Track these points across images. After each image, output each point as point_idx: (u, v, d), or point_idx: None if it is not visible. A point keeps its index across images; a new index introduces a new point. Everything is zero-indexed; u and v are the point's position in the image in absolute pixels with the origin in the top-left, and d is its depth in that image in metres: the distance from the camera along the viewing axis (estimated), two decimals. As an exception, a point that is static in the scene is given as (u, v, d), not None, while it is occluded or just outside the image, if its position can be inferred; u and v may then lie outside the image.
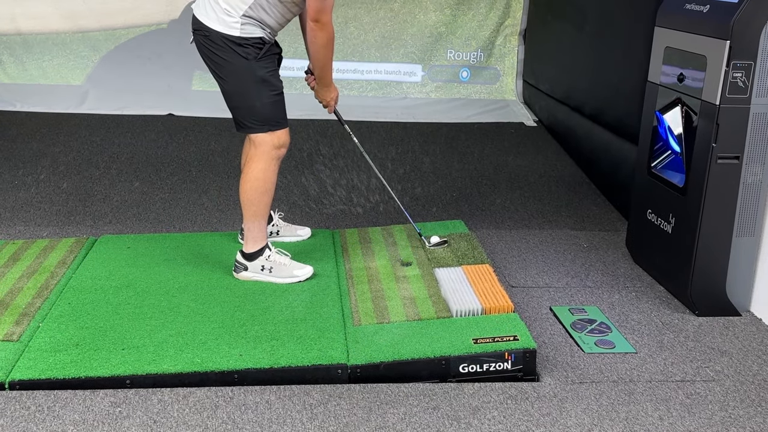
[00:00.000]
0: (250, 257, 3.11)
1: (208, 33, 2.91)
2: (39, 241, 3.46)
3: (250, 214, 3.07)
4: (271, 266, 3.10)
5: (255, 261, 3.10)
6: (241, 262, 3.13)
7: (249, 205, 3.06)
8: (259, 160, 3.02)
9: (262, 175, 3.03)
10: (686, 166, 3.05)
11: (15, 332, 2.67)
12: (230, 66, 2.93)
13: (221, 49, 2.91)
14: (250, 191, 3.05)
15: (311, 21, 2.86)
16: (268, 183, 3.05)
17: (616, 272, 3.45)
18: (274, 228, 3.51)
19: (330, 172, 4.71)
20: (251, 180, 3.04)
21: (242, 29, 2.88)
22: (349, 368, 2.53)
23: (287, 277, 3.11)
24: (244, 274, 3.13)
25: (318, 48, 2.97)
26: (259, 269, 3.10)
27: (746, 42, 2.77)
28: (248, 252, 3.11)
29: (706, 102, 2.90)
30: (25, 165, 4.69)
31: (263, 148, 3.01)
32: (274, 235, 3.49)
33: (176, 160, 4.88)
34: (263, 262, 3.10)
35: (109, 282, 3.08)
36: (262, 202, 3.06)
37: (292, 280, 3.11)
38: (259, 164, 3.02)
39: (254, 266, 3.11)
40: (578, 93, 5.17)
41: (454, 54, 6.38)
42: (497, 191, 4.52)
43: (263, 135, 3.00)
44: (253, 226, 3.09)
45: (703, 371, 2.67)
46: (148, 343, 2.63)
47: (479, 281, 3.04)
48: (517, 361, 2.57)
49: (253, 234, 3.10)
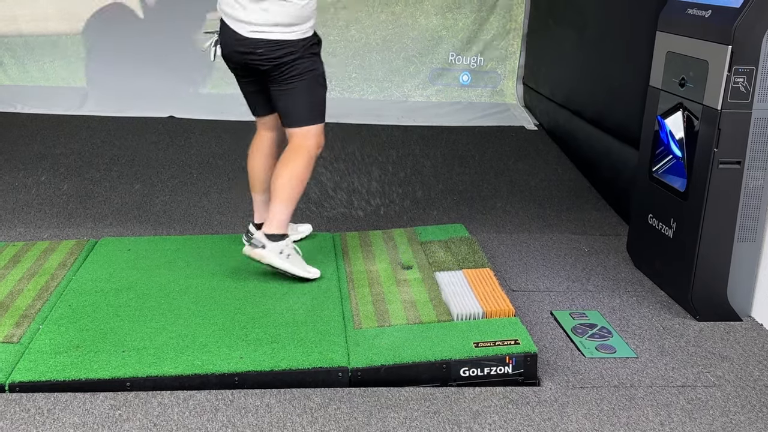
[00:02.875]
0: (274, 238, 3.07)
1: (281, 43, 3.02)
2: (39, 243, 3.46)
3: (283, 197, 3.09)
4: (290, 254, 3.10)
5: (277, 243, 3.06)
6: (260, 240, 3.06)
7: (284, 189, 3.08)
8: (300, 156, 3.10)
9: (301, 171, 3.10)
10: (688, 171, 3.05)
11: (15, 334, 2.67)
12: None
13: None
14: (287, 181, 3.08)
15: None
16: (305, 177, 3.13)
17: (617, 277, 3.44)
18: None
19: (331, 175, 4.70)
20: (291, 175, 3.09)
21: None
22: (349, 371, 2.53)
23: (302, 270, 3.11)
24: (259, 251, 3.05)
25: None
26: (278, 252, 3.06)
27: (748, 47, 2.78)
28: (271, 233, 3.08)
29: (708, 107, 2.90)
30: (25, 167, 4.69)
31: (308, 142, 3.11)
32: None
33: (177, 162, 4.88)
34: (283, 248, 3.08)
35: (109, 284, 3.08)
36: (296, 190, 3.11)
37: (306, 275, 3.11)
38: (299, 161, 3.10)
39: (274, 248, 3.06)
40: (579, 97, 5.17)
41: (455, 57, 6.39)
42: (498, 195, 4.51)
43: (306, 127, 3.11)
44: (282, 210, 3.09)
45: (704, 376, 2.67)
46: (149, 346, 2.62)
47: (480, 285, 3.03)
48: (518, 365, 2.56)
49: (280, 217, 3.09)
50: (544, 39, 5.99)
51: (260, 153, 3.35)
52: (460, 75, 6.43)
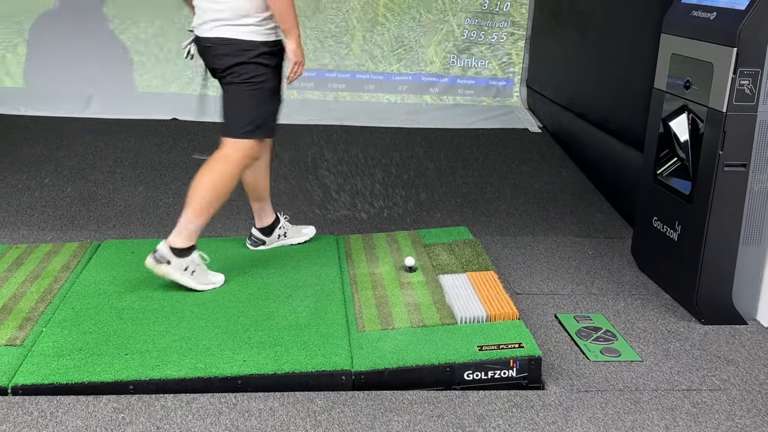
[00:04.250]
0: (180, 253, 2.97)
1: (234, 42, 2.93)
2: (42, 246, 3.45)
3: (196, 210, 2.94)
4: (194, 270, 3.03)
5: (182, 259, 2.97)
6: (164, 256, 2.95)
7: (200, 201, 2.94)
8: (229, 164, 2.98)
9: (226, 182, 2.98)
10: (692, 174, 3.04)
11: (18, 337, 2.66)
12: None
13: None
14: (205, 190, 2.95)
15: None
16: (227, 189, 2.99)
17: (621, 280, 3.43)
18: (281, 230, 3.49)
19: (334, 178, 4.70)
20: (213, 180, 2.96)
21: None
22: (353, 374, 2.52)
23: (205, 283, 3.05)
24: (163, 268, 2.95)
25: (283, 5, 2.86)
26: (182, 268, 2.99)
27: (753, 49, 2.76)
28: (178, 247, 2.96)
29: (713, 109, 2.89)
30: (29, 169, 4.69)
31: (237, 154, 2.99)
32: (282, 238, 3.49)
33: (180, 164, 4.88)
34: (188, 263, 3.00)
35: (112, 287, 3.07)
36: (212, 205, 2.97)
37: (208, 287, 3.05)
38: (227, 168, 2.98)
39: (178, 264, 2.98)
40: (583, 99, 5.16)
41: (459, 60, 6.38)
42: (501, 198, 4.50)
43: (245, 140, 2.99)
44: (191, 222, 2.96)
45: (710, 380, 2.66)
46: (152, 349, 2.62)
47: (484, 288, 3.02)
48: (522, 368, 2.55)
49: (189, 230, 2.96)
50: (548, 41, 5.99)
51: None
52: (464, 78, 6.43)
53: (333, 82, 6.38)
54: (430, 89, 6.43)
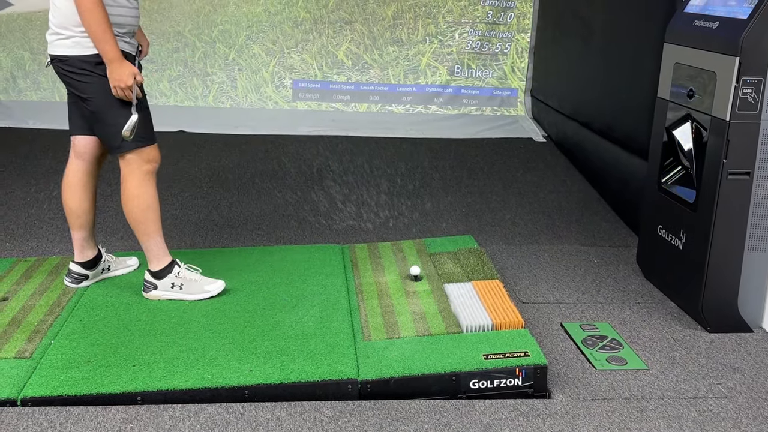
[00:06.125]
0: (158, 275, 3.06)
1: (65, 59, 2.84)
2: (51, 259, 3.48)
3: (141, 233, 3.00)
4: (182, 283, 3.07)
5: (164, 279, 3.06)
6: (150, 281, 3.07)
7: (137, 224, 2.99)
8: (130, 178, 2.94)
9: (138, 191, 2.94)
10: (697, 182, 3.04)
11: (27, 349, 2.68)
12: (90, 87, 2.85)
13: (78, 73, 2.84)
14: (133, 211, 2.96)
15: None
16: (147, 198, 2.96)
17: (627, 288, 3.44)
18: (104, 264, 3.28)
19: (340, 188, 4.72)
20: (130, 199, 2.95)
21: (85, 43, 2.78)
22: (359, 383, 2.53)
23: (198, 293, 3.08)
24: (154, 293, 3.07)
25: (84, 14, 2.69)
26: (169, 287, 3.06)
27: (756, 58, 2.78)
28: (155, 270, 3.06)
29: (716, 118, 2.90)
30: (37, 182, 4.73)
31: (131, 166, 2.93)
32: (106, 271, 3.29)
33: (187, 176, 4.91)
34: (173, 279, 3.06)
35: (120, 299, 3.10)
36: (149, 218, 2.98)
37: (204, 296, 3.08)
38: (131, 182, 2.94)
39: (164, 284, 3.06)
40: (587, 109, 5.17)
41: (463, 70, 6.41)
42: (507, 207, 4.52)
43: (128, 153, 2.91)
44: (150, 245, 3.02)
45: (716, 388, 2.66)
46: (159, 360, 2.64)
47: (489, 297, 3.03)
48: (528, 377, 2.56)
49: (153, 252, 3.03)
50: (552, 51, 6.01)
51: (71, 187, 3.10)
52: (468, 88, 6.45)
53: (338, 93, 6.42)
54: (434, 99, 6.45)
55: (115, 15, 2.80)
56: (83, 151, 3.09)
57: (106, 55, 2.76)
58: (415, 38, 6.35)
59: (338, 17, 6.29)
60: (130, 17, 2.89)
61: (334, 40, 6.32)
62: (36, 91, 6.21)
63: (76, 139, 3.10)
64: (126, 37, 2.89)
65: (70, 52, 2.82)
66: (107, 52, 2.75)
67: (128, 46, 2.90)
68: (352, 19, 6.30)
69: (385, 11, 6.29)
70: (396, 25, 6.33)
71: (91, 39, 2.76)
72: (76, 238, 3.15)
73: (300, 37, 6.30)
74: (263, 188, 4.71)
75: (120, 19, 2.83)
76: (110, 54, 2.76)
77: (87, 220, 3.13)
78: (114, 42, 2.76)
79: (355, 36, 6.32)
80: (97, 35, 2.73)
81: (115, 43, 2.76)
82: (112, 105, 2.85)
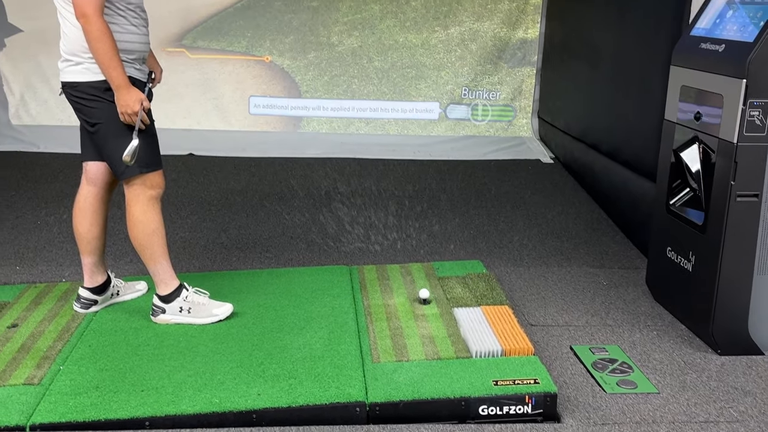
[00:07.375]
0: (167, 299, 3.07)
1: (75, 85, 2.89)
2: (60, 284, 3.50)
3: (147, 257, 3.03)
4: (190, 307, 3.08)
5: (173, 303, 3.07)
6: (158, 306, 3.09)
7: (143, 249, 3.02)
8: (135, 203, 2.98)
9: (143, 216, 2.98)
10: (705, 204, 3.04)
11: (36, 376, 2.69)
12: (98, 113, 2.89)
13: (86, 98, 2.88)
14: (138, 236, 3.00)
15: (78, 18, 2.72)
16: (152, 223, 2.99)
17: (636, 311, 3.42)
18: (113, 289, 3.31)
19: (348, 210, 4.73)
20: (135, 224, 2.99)
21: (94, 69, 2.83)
22: (367, 406, 2.52)
23: (207, 316, 3.09)
24: (162, 317, 3.08)
25: (92, 42, 2.73)
26: (177, 311, 3.08)
27: (762, 80, 2.78)
28: (163, 294, 3.08)
29: (724, 140, 2.90)
30: (47, 205, 4.76)
31: (136, 191, 2.97)
32: (115, 296, 3.32)
33: (196, 199, 4.93)
34: (181, 303, 3.07)
35: (128, 323, 3.10)
36: (154, 243, 3.01)
37: (212, 320, 3.09)
38: (136, 207, 2.98)
39: (172, 308, 3.07)
40: (595, 130, 5.18)
41: (470, 92, 6.44)
42: (515, 228, 4.51)
43: (133, 178, 2.95)
44: (156, 270, 3.05)
45: (727, 412, 2.63)
46: (167, 384, 2.63)
47: (499, 322, 3.02)
48: (538, 404, 2.54)
49: (160, 276, 3.06)
50: (558, 73, 6.03)
51: (82, 212, 3.14)
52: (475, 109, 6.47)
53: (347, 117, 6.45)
54: (441, 121, 6.47)
55: (124, 41, 2.84)
56: (95, 177, 3.12)
57: (113, 81, 2.80)
58: (423, 60, 6.38)
59: (349, 46, 6.33)
60: (139, 43, 2.92)
61: (341, 69, 6.36)
62: (47, 115, 6.26)
63: (87, 165, 3.13)
64: (136, 63, 2.92)
65: (80, 78, 2.86)
66: (114, 79, 2.79)
67: (138, 72, 2.93)
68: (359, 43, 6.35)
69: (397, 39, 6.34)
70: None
71: (99, 66, 2.80)
72: (86, 263, 3.17)
73: (310, 60, 6.35)
74: (272, 210, 4.73)
75: (129, 45, 2.87)
76: (117, 80, 2.79)
77: (97, 245, 3.15)
78: (121, 68, 2.79)
79: (364, 54, 6.37)
80: (104, 62, 2.77)
81: (122, 70, 2.79)
82: (119, 130, 2.88)
